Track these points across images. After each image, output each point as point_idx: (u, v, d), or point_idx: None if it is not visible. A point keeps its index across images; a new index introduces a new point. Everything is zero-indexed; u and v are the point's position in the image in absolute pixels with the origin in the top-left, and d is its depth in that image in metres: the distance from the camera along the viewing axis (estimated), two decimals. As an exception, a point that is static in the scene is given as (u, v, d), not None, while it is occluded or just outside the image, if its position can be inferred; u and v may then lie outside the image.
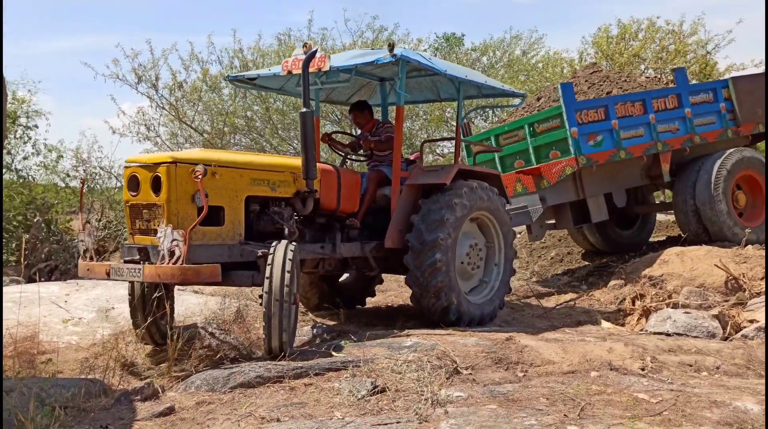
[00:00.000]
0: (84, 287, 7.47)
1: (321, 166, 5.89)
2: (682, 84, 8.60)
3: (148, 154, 5.33)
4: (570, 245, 10.43)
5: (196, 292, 7.61)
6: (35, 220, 10.61)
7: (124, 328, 5.63)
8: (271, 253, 4.84)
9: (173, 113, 16.39)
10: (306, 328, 6.12)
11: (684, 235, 8.42)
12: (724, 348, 5.15)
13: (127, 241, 5.21)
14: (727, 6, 41.93)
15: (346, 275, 7.32)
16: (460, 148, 7.03)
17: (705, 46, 15.98)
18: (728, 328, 5.85)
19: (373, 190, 6.37)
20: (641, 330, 6.15)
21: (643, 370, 4.52)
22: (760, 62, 15.83)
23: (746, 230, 8.05)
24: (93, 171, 12.11)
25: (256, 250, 5.04)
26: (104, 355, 5.07)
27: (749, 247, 7.58)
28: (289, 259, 4.76)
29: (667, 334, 5.69)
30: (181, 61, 16.84)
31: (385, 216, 6.24)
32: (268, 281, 4.71)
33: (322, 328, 6.05)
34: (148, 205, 4.97)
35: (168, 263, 4.65)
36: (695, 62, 15.74)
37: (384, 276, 7.40)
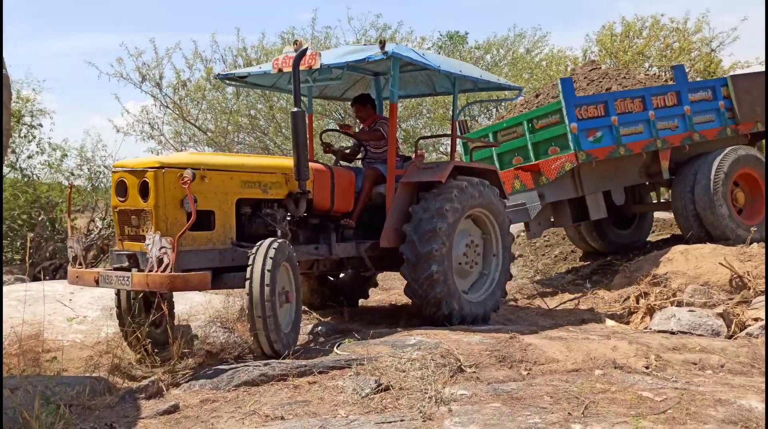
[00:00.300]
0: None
1: (314, 165, 5.80)
2: (682, 81, 8.57)
3: (136, 158, 5.25)
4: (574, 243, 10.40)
5: (200, 290, 7.61)
6: (40, 219, 10.65)
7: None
8: (252, 253, 4.76)
9: (177, 112, 16.41)
10: (309, 326, 6.12)
11: (686, 237, 8.37)
12: (729, 346, 5.13)
13: (116, 247, 5.14)
14: (732, 3, 41.81)
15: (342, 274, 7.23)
16: (456, 144, 6.93)
17: (709, 44, 15.93)
18: (733, 326, 5.85)
19: (368, 189, 6.26)
20: (645, 328, 6.14)
21: (648, 368, 4.51)
22: (760, 62, 15.75)
23: (752, 229, 8.02)
24: (98, 169, 12.12)
25: (248, 252, 4.93)
26: (109, 353, 5.09)
27: (754, 245, 7.56)
28: (270, 258, 4.66)
29: (672, 333, 5.68)
30: (185, 59, 16.85)
31: (380, 214, 6.13)
32: (249, 282, 4.63)
33: (325, 326, 6.05)
34: (137, 211, 4.89)
35: (156, 271, 4.58)
36: (699, 60, 15.69)
37: (387, 273, 7.39)
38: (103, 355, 5.13)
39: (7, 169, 12.72)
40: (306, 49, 5.43)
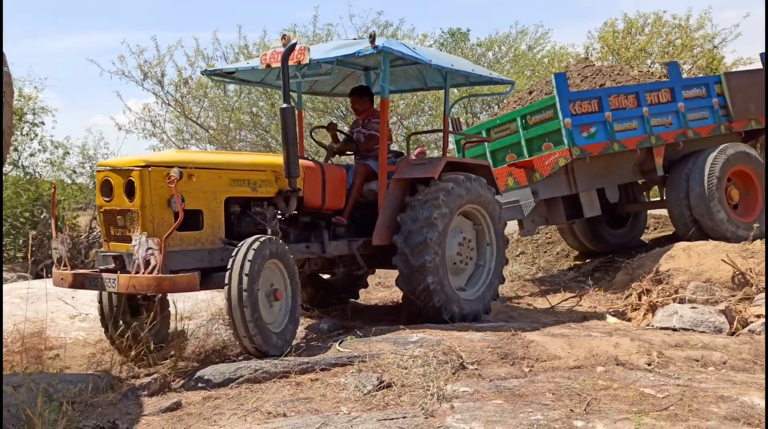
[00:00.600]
0: (91, 283, 7.48)
1: (304, 162, 5.68)
2: (675, 78, 8.52)
3: (121, 157, 5.13)
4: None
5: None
6: (42, 217, 10.68)
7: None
8: (232, 256, 4.63)
9: (179, 110, 16.43)
10: (311, 323, 6.13)
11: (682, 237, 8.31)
12: (731, 343, 5.13)
13: (102, 248, 5.01)
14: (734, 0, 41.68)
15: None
16: (448, 139, 6.84)
17: (712, 41, 15.90)
18: (735, 323, 5.84)
19: (360, 185, 6.15)
20: (648, 325, 6.13)
21: (650, 365, 4.51)
22: (749, 59, 15.65)
23: (754, 225, 7.99)
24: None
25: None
26: (111, 350, 5.10)
27: (757, 242, 7.55)
28: (248, 260, 4.53)
29: (674, 329, 5.67)
30: (187, 57, 16.89)
31: (372, 211, 6.03)
32: (227, 287, 4.53)
33: (327, 323, 6.05)
34: (122, 211, 4.76)
35: (143, 273, 4.47)
36: (702, 57, 15.66)
37: (389, 271, 7.35)
38: (105, 352, 5.14)
39: (10, 167, 12.74)
40: (295, 44, 5.33)
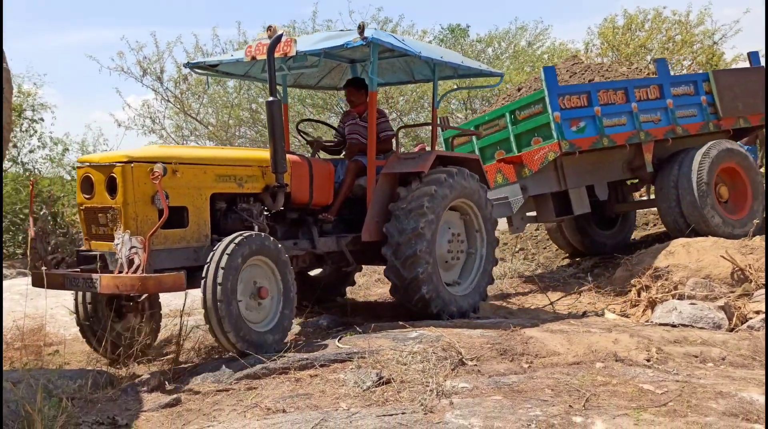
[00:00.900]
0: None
1: (291, 157, 5.56)
2: (664, 75, 8.49)
3: (102, 153, 4.99)
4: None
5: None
6: (41, 213, 10.67)
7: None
8: (213, 251, 4.49)
9: (178, 106, 16.42)
10: (311, 319, 6.13)
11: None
12: (730, 339, 5.13)
13: (82, 247, 4.87)
14: (735, -4, 41.59)
15: (319, 270, 7.00)
16: (436, 133, 6.76)
17: (712, 36, 15.88)
18: (734, 319, 5.84)
19: (350, 182, 6.05)
20: (647, 321, 6.14)
21: (649, 361, 4.51)
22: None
23: (754, 221, 7.97)
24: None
25: None
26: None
27: (756, 238, 7.54)
28: (226, 254, 4.41)
29: (673, 326, 5.68)
30: (186, 53, 16.85)
31: (361, 207, 5.93)
32: (203, 281, 4.40)
33: (327, 319, 6.05)
34: (104, 209, 4.61)
35: (127, 272, 4.35)
36: (702, 53, 15.64)
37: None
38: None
39: (9, 164, 12.74)
40: (281, 36, 5.22)
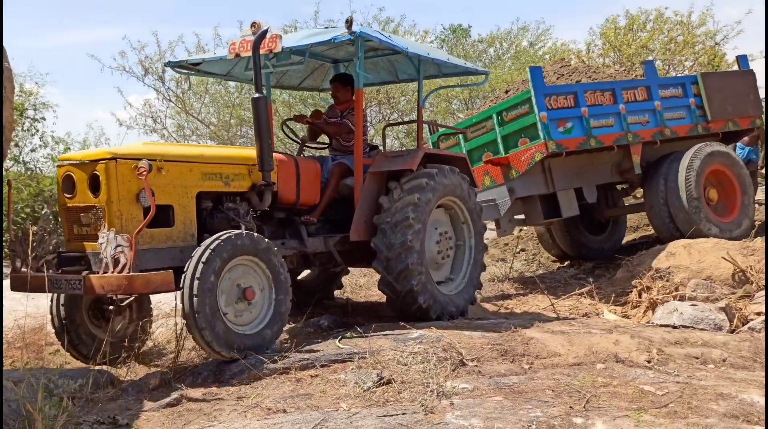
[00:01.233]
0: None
1: (277, 155, 5.50)
2: (651, 77, 8.46)
3: (85, 150, 4.90)
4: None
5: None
6: (43, 212, 10.67)
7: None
8: (197, 248, 4.41)
9: (180, 105, 16.43)
10: (312, 319, 6.13)
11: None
12: (731, 340, 5.13)
13: (64, 248, 4.77)
14: (737, -4, 41.57)
15: (307, 272, 6.97)
16: (422, 130, 6.70)
17: (714, 37, 15.85)
18: (735, 320, 5.84)
19: (335, 184, 5.97)
20: (648, 322, 6.13)
21: (650, 362, 4.51)
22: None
23: (755, 222, 7.95)
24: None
25: None
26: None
27: (757, 240, 7.53)
28: (210, 249, 4.30)
29: (674, 327, 5.67)
30: (188, 53, 16.82)
31: (348, 207, 5.87)
32: (183, 276, 4.28)
33: (328, 319, 6.06)
34: (87, 208, 4.52)
35: (113, 272, 4.25)
36: (704, 53, 15.62)
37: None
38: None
39: (11, 163, 12.75)
40: (266, 31, 5.13)
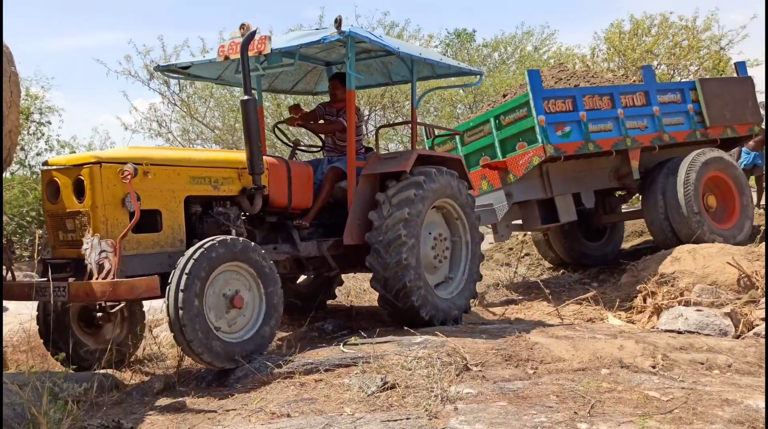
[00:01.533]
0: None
1: (268, 159, 5.44)
2: (650, 82, 8.44)
3: (68, 155, 4.85)
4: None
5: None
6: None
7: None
8: (183, 256, 4.32)
9: (185, 109, 16.50)
10: (316, 324, 6.14)
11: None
12: (736, 346, 5.11)
13: (49, 254, 4.72)
14: (741, 1, 41.54)
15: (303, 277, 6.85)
16: (416, 132, 6.62)
17: (718, 42, 15.85)
18: (740, 326, 5.81)
19: (329, 188, 5.89)
20: (652, 327, 6.12)
21: (654, 367, 4.50)
22: (756, 61, 15.50)
23: (761, 227, 7.92)
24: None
25: None
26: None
27: (762, 245, 7.51)
28: (193, 259, 4.23)
29: (679, 332, 5.66)
30: (193, 57, 16.90)
31: (342, 211, 5.80)
32: (168, 286, 4.20)
33: (332, 324, 6.06)
34: (72, 214, 4.45)
35: (97, 278, 4.19)
36: (709, 58, 15.62)
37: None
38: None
39: (17, 166, 12.81)
40: (254, 32, 5.07)
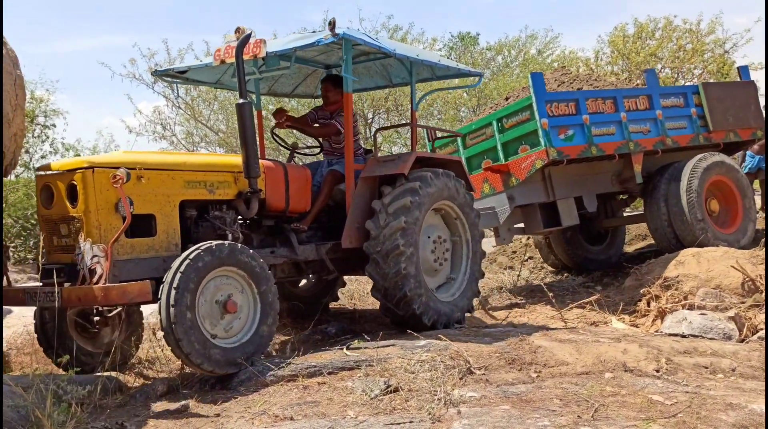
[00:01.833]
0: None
1: (265, 162, 5.43)
2: (653, 85, 8.41)
3: (62, 159, 4.83)
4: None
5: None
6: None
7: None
8: (178, 259, 4.30)
9: (189, 112, 16.53)
10: (319, 327, 6.14)
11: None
12: (740, 350, 5.10)
13: (44, 260, 4.73)
14: (746, 4, 41.49)
15: (304, 281, 6.90)
16: (416, 134, 6.62)
17: (723, 45, 15.85)
18: (744, 330, 5.80)
19: (328, 192, 5.88)
20: (656, 331, 6.11)
21: (658, 371, 4.49)
22: (760, 65, 15.48)
23: (748, 232, 7.89)
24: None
25: None
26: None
27: (766, 249, 7.50)
28: (188, 259, 4.21)
29: (683, 336, 5.64)
30: (197, 60, 16.93)
31: (340, 213, 5.77)
32: (161, 287, 4.20)
33: (335, 327, 6.06)
34: (65, 219, 4.46)
35: (89, 283, 4.19)
36: (713, 61, 15.61)
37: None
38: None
39: (21, 169, 12.86)
40: (249, 36, 5.06)
